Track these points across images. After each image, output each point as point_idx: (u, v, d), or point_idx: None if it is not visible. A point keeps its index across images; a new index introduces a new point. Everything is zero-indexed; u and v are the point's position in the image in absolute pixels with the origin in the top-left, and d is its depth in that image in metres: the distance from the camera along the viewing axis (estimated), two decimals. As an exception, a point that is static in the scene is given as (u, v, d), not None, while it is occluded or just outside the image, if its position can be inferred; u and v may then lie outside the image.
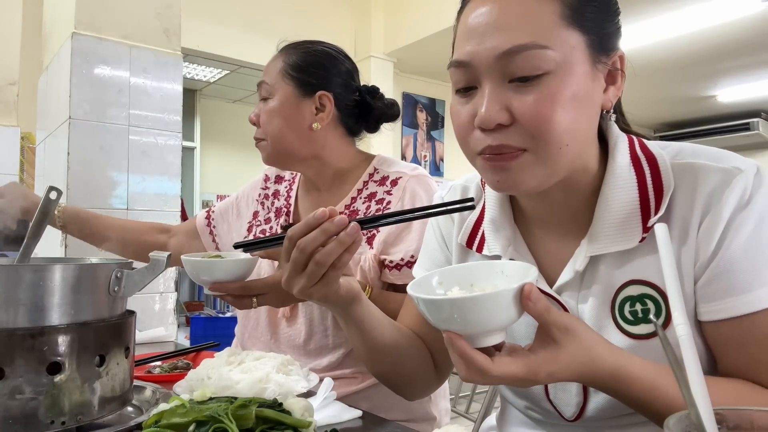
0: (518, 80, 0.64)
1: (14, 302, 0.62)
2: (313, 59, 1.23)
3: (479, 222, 0.83)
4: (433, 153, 5.75)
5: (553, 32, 0.64)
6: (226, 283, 1.02)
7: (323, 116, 1.22)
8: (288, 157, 1.24)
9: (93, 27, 1.91)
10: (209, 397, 0.70)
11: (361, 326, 0.82)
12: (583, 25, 0.66)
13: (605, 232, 0.70)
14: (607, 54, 0.69)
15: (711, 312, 0.66)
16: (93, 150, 1.85)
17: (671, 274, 0.52)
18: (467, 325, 0.57)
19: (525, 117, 0.64)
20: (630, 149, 0.72)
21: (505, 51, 0.64)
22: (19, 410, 0.60)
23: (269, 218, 1.36)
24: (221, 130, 7.19)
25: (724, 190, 0.65)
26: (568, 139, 0.65)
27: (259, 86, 1.25)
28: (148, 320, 1.90)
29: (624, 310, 0.69)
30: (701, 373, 0.43)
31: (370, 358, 0.86)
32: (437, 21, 4.44)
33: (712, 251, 0.65)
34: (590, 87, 0.67)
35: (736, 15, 4.17)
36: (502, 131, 0.65)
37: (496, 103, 0.65)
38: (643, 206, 0.68)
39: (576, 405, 0.74)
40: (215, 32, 4.33)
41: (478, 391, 3.39)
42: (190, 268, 1.02)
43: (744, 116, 6.72)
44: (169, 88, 2.05)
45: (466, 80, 0.68)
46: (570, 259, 0.73)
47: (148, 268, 0.73)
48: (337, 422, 0.78)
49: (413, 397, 0.96)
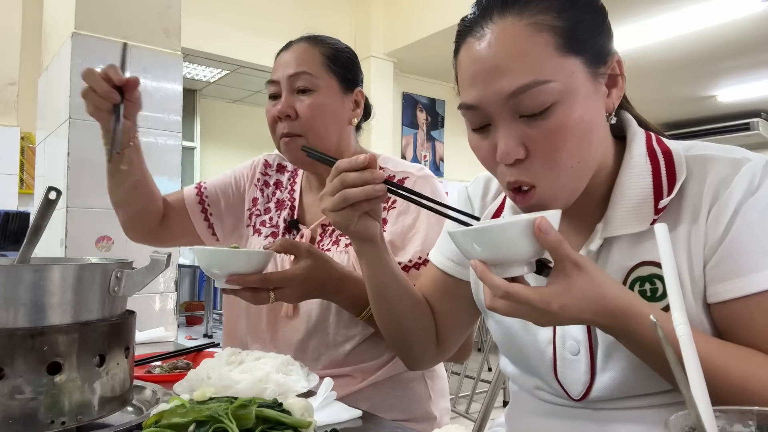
0: (528, 116, 0.68)
1: (14, 302, 0.62)
2: (346, 55, 1.22)
3: (500, 210, 0.88)
4: (433, 153, 5.76)
5: (550, 65, 0.67)
6: (244, 276, 0.97)
7: (358, 112, 1.23)
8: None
9: (93, 27, 1.91)
10: (209, 397, 0.70)
11: (370, 264, 0.89)
12: (576, 48, 0.68)
13: (619, 216, 0.73)
14: (604, 63, 0.71)
15: (719, 293, 0.68)
16: (93, 150, 1.85)
17: (671, 274, 0.52)
18: (487, 252, 0.65)
19: (539, 150, 0.68)
20: (647, 142, 0.76)
21: (510, 93, 0.67)
22: (19, 410, 0.60)
23: (269, 208, 1.32)
24: (221, 130, 7.19)
25: (734, 176, 0.69)
26: (579, 157, 0.69)
27: (295, 77, 1.15)
28: (148, 320, 1.90)
29: (634, 290, 0.72)
30: (701, 373, 0.44)
31: (375, 301, 0.93)
32: (437, 21, 4.44)
33: (720, 234, 0.68)
34: (594, 102, 0.70)
35: (736, 15, 4.18)
36: (519, 165, 0.70)
37: (513, 140, 0.68)
38: (656, 192, 0.72)
39: (583, 384, 0.76)
40: (215, 32, 4.33)
41: (478, 391, 3.39)
42: (206, 258, 0.97)
43: (744, 116, 6.72)
44: (169, 88, 2.05)
45: (479, 121, 0.72)
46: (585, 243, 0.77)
47: (148, 268, 0.73)
48: (337, 422, 0.78)
49: (412, 361, 1.00)
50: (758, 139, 6.81)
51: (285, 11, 4.61)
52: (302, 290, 1.02)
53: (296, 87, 1.15)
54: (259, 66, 4.62)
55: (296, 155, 1.17)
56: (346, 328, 1.15)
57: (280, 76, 1.17)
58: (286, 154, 1.19)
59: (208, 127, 7.15)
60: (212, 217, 1.33)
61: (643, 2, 3.96)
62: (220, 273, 0.97)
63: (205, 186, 1.35)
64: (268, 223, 1.30)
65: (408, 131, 5.55)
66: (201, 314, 6.09)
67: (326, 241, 1.21)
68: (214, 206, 1.33)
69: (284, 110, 1.14)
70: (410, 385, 1.20)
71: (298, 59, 1.16)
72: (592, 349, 0.76)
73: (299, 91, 1.15)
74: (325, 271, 1.02)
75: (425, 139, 5.70)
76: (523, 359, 0.85)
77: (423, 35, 4.63)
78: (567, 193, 0.72)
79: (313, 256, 1.02)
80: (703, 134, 6.88)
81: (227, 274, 0.97)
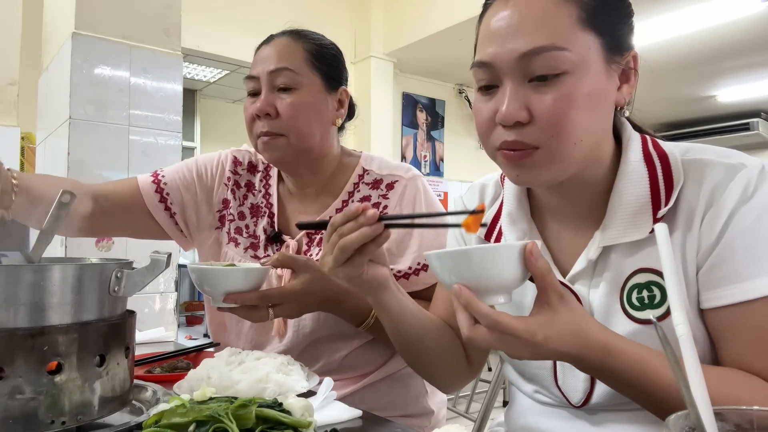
0: (537, 79, 0.68)
1: (14, 302, 0.62)
2: (330, 51, 1.16)
3: (497, 217, 0.87)
4: (433, 153, 5.75)
5: (570, 35, 0.68)
6: (242, 293, 0.94)
7: (343, 112, 1.18)
8: (305, 156, 1.12)
9: (93, 27, 1.91)
10: (209, 397, 0.70)
11: (389, 312, 0.86)
12: (598, 27, 0.69)
13: (617, 224, 0.73)
14: (621, 54, 0.72)
15: (710, 299, 0.69)
16: (93, 150, 1.85)
17: (672, 273, 0.52)
18: (473, 277, 0.62)
19: (543, 115, 0.68)
20: (643, 147, 0.77)
21: (525, 52, 0.68)
22: (19, 410, 0.60)
23: (242, 213, 1.22)
24: (221, 130, 7.19)
25: (728, 183, 0.69)
26: (581, 135, 0.69)
27: (276, 73, 1.09)
28: (148, 320, 1.90)
29: (632, 297, 0.73)
30: (701, 373, 0.44)
31: (400, 344, 0.90)
32: (437, 21, 4.44)
33: (714, 240, 0.68)
34: (605, 86, 0.71)
35: (736, 15, 4.17)
36: (520, 129, 0.69)
37: (517, 102, 0.69)
38: (654, 199, 0.72)
39: (583, 391, 0.76)
40: (215, 32, 4.33)
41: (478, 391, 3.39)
42: (200, 277, 0.94)
43: (744, 116, 6.71)
44: (169, 88, 2.05)
45: (488, 79, 0.72)
46: (583, 251, 0.77)
47: (148, 268, 0.73)
48: (337, 422, 0.78)
49: (446, 387, 0.98)
50: (758, 139, 6.80)
51: (285, 11, 4.61)
52: (301, 305, 1.00)
53: (277, 84, 1.09)
54: (259, 66, 4.60)
55: (276, 155, 1.11)
56: (341, 340, 1.14)
57: (260, 71, 1.11)
58: (264, 154, 1.13)
59: (208, 127, 7.15)
60: (175, 207, 1.21)
61: (643, 2, 3.96)
62: (216, 291, 0.94)
63: (161, 174, 1.23)
64: (245, 232, 1.22)
65: (408, 131, 5.55)
66: (201, 314, 6.08)
67: (314, 250, 1.16)
68: (174, 195, 1.21)
69: (264, 108, 1.08)
70: (406, 382, 1.19)
71: (279, 54, 1.10)
72: None
73: (280, 89, 1.09)
74: (324, 285, 1.00)
75: (425, 139, 5.70)
76: (525, 367, 0.85)
77: (423, 35, 4.62)
78: (562, 166, 0.71)
79: (312, 270, 0.99)
80: (703, 134, 6.87)
81: (224, 293, 0.94)
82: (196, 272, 0.95)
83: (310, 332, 1.12)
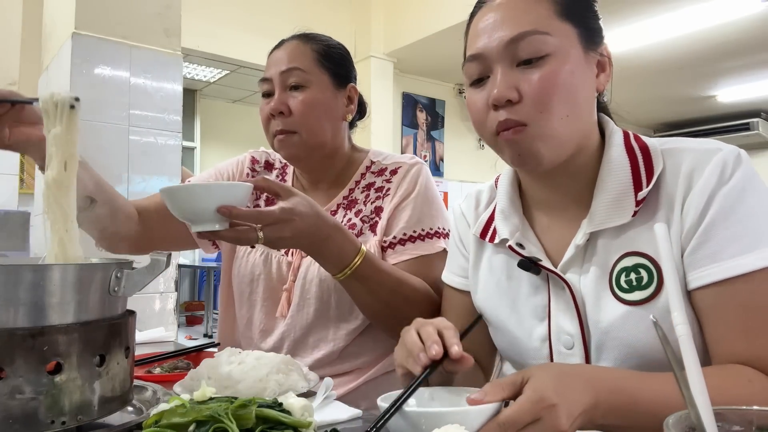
0: (524, 63, 0.75)
1: (14, 302, 0.62)
2: (337, 51, 1.22)
3: (492, 216, 0.91)
4: (433, 153, 5.76)
5: (550, 22, 0.76)
6: (236, 208, 0.86)
7: (352, 108, 1.23)
8: (318, 151, 1.17)
9: (93, 27, 1.91)
10: (209, 397, 0.70)
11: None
12: (574, 19, 0.77)
13: (602, 210, 0.77)
14: (596, 44, 0.80)
15: (695, 279, 0.71)
16: (93, 150, 1.85)
17: (671, 274, 0.52)
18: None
19: (530, 93, 0.74)
20: (625, 139, 0.82)
21: (511, 38, 0.75)
22: (19, 410, 0.60)
23: (258, 206, 1.24)
24: (221, 130, 7.19)
25: (706, 166, 0.73)
26: (567, 110, 0.75)
27: (287, 73, 1.14)
28: (148, 320, 1.90)
29: (620, 280, 0.76)
30: (701, 373, 0.44)
31: None
32: (437, 21, 4.44)
33: (695, 222, 0.72)
34: (585, 67, 0.78)
35: (736, 15, 4.18)
36: (511, 107, 0.75)
37: (507, 82, 0.75)
38: (636, 184, 0.76)
39: None
40: (215, 32, 4.33)
41: (478, 391, 3.40)
42: (183, 195, 0.86)
43: (744, 116, 6.72)
44: (169, 88, 2.05)
45: (480, 71, 0.79)
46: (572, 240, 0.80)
47: (148, 268, 0.73)
48: (337, 422, 0.78)
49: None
50: (758, 139, 6.81)
51: (285, 11, 4.61)
52: (292, 227, 0.93)
53: (289, 83, 1.15)
54: (259, 66, 4.61)
55: (290, 151, 1.17)
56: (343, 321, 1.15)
57: (273, 73, 1.17)
58: (280, 152, 1.19)
59: (208, 127, 7.15)
60: None
61: (643, 2, 3.96)
62: (207, 207, 0.85)
63: (189, 181, 1.27)
64: None
65: (408, 131, 5.55)
66: (201, 314, 6.09)
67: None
68: None
69: (277, 107, 1.14)
70: None
71: (290, 56, 1.17)
72: (586, 342, 0.78)
73: (292, 88, 1.15)
74: (314, 212, 0.95)
75: (425, 139, 5.70)
76: (521, 358, 0.86)
77: (423, 35, 4.63)
78: (556, 141, 0.76)
79: (299, 195, 0.95)
80: (703, 134, 6.87)
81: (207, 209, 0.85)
82: (175, 192, 0.86)
83: (314, 311, 1.14)
